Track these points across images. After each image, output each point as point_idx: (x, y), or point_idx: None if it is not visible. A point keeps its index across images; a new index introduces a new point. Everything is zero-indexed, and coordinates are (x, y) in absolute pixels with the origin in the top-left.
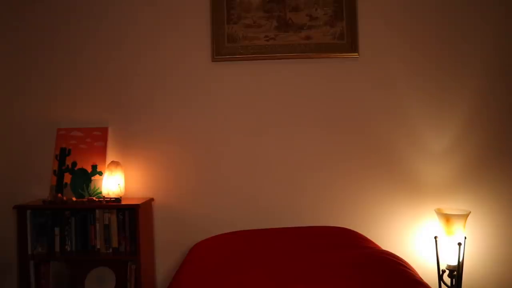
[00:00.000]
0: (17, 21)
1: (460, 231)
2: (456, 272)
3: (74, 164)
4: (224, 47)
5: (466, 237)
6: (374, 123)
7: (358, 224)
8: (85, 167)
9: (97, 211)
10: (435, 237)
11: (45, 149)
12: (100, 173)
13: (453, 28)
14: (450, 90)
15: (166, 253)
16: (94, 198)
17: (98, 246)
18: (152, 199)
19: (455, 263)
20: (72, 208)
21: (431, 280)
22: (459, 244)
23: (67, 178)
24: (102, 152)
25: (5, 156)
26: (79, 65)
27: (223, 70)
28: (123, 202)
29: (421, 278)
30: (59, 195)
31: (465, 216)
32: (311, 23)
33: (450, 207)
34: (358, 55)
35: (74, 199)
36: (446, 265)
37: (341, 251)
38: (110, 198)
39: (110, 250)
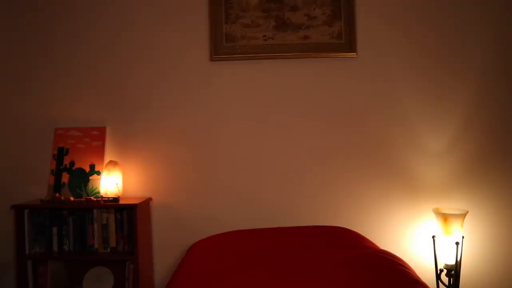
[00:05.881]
0: (16, 21)
1: (458, 230)
2: (453, 271)
3: (72, 163)
4: (222, 47)
5: (464, 237)
6: (372, 123)
7: (356, 224)
8: (83, 166)
9: (95, 210)
10: (433, 237)
11: (43, 149)
12: (98, 173)
13: (453, 28)
14: (449, 90)
15: (164, 252)
16: (92, 197)
17: (96, 246)
18: (150, 199)
19: (453, 262)
20: (70, 207)
21: (429, 280)
22: (457, 243)
23: (65, 177)
24: (100, 151)
25: (3, 156)
26: (77, 65)
27: (222, 69)
28: (121, 202)
29: (419, 278)
30: (57, 194)
31: (463, 215)
32: (309, 23)
33: (448, 207)
34: (357, 54)
35: (72, 198)
36: (444, 265)
37: (339, 251)
38: (108, 197)
39: (108, 250)
